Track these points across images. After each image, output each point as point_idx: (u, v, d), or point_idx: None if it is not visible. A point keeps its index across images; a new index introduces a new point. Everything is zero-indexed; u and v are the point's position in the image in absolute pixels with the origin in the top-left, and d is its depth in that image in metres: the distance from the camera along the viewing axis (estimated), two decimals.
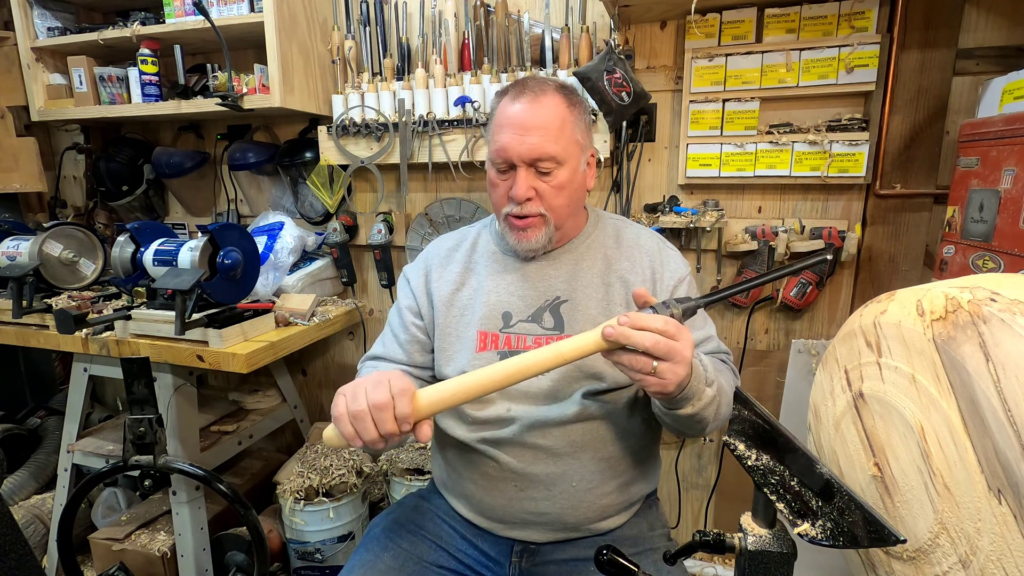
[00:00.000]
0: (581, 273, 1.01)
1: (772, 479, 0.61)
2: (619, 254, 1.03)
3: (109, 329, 1.50)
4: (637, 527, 1.04)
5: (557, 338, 0.97)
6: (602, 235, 1.05)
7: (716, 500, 1.77)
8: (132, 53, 1.76)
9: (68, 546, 1.44)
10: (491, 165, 0.98)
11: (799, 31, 1.41)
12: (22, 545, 1.05)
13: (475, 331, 1.01)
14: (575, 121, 0.95)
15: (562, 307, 1.00)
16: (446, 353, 1.04)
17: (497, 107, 0.97)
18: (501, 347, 0.99)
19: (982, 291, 0.57)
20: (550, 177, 0.94)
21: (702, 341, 1.00)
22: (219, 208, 2.13)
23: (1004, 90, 1.11)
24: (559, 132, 0.92)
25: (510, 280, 1.02)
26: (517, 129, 0.92)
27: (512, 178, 0.94)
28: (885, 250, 1.50)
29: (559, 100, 0.94)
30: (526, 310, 1.00)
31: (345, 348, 2.07)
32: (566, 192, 0.96)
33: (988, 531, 0.54)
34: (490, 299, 1.02)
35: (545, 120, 0.92)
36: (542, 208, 0.95)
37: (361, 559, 1.00)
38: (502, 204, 0.97)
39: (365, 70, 1.71)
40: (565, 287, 1.01)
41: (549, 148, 0.91)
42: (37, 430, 2.13)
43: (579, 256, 1.03)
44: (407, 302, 1.10)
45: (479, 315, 1.01)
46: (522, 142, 0.91)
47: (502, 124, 0.94)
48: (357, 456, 1.77)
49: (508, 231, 0.99)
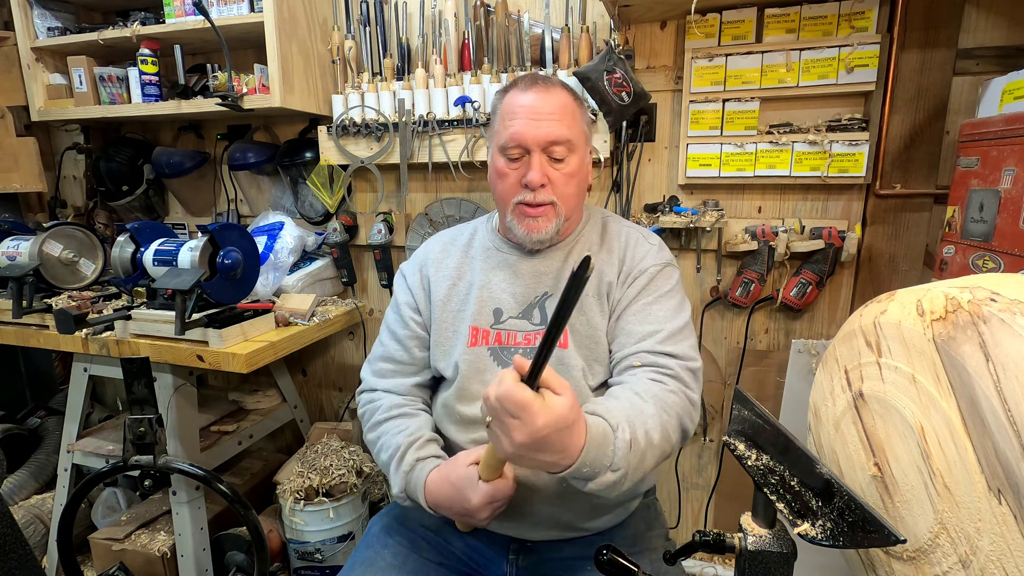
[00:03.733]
0: (567, 268, 1.02)
1: (772, 479, 0.61)
2: (600, 247, 1.04)
3: (109, 329, 1.50)
4: (635, 527, 1.04)
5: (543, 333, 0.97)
6: (591, 231, 1.06)
7: (716, 500, 1.77)
8: (132, 53, 1.75)
9: (68, 546, 1.44)
10: (500, 155, 0.98)
11: (799, 31, 1.41)
12: (22, 545, 1.05)
13: (467, 326, 1.02)
14: (581, 113, 0.99)
15: (547, 302, 1.01)
16: (442, 347, 1.05)
17: (503, 100, 0.99)
18: (492, 343, 1.00)
19: (982, 291, 0.57)
20: (563, 164, 0.95)
21: (649, 335, 0.94)
22: (219, 208, 2.13)
23: (1004, 90, 1.11)
24: (572, 119, 0.96)
25: (502, 277, 1.03)
26: (531, 115, 0.94)
27: (524, 165, 0.95)
28: (885, 250, 1.50)
29: (566, 92, 0.98)
30: (517, 307, 1.01)
31: (345, 348, 2.07)
32: (575, 181, 0.97)
33: (988, 531, 0.54)
34: (483, 295, 1.03)
35: (558, 107, 0.94)
36: (554, 196, 0.96)
37: (361, 557, 1.00)
38: (513, 193, 0.97)
39: (365, 70, 1.71)
40: (552, 282, 1.02)
41: (563, 132, 0.94)
42: (37, 430, 2.13)
43: (568, 252, 1.04)
44: (405, 298, 1.10)
45: (472, 310, 1.02)
46: (537, 127, 0.93)
47: (514, 112, 0.95)
48: (357, 456, 1.77)
49: (518, 222, 0.98)
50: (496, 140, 0.99)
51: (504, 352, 1.00)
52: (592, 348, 0.98)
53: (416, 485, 0.92)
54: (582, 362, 0.97)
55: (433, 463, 0.94)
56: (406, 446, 0.97)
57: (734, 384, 1.68)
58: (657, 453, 0.81)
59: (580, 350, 0.98)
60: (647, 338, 0.93)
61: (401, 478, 0.95)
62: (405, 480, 0.94)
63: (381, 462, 1.01)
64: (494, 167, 1.00)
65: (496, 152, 0.99)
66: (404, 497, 0.95)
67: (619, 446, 0.75)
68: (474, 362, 1.00)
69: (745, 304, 1.57)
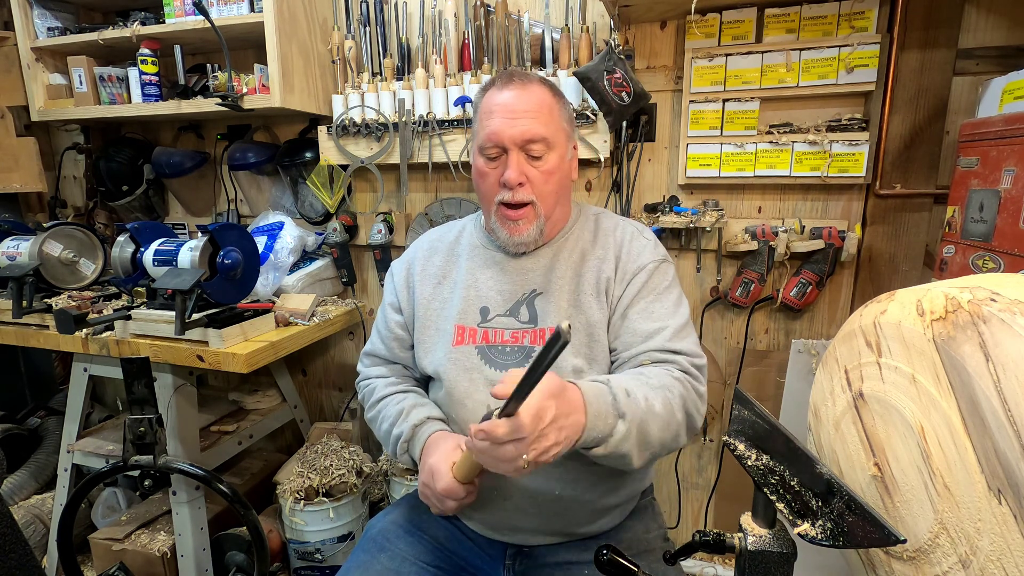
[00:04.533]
0: (558, 265, 1.01)
1: (772, 479, 0.61)
2: (594, 244, 1.03)
3: (109, 329, 1.50)
4: (633, 529, 1.04)
5: (532, 332, 0.98)
6: (581, 228, 1.05)
7: (716, 500, 1.77)
8: (132, 53, 1.76)
9: (68, 546, 1.44)
10: (479, 154, 0.98)
11: (799, 31, 1.41)
12: (22, 545, 1.05)
13: (453, 325, 1.01)
14: (560, 108, 0.98)
15: (536, 300, 1.00)
16: (424, 345, 1.05)
17: (483, 99, 0.98)
18: (479, 341, 0.99)
19: (982, 291, 0.57)
20: (541, 162, 0.95)
21: (655, 332, 0.93)
22: (219, 208, 2.13)
23: (1004, 90, 1.11)
24: (548, 116, 0.95)
25: (490, 275, 1.03)
26: (508, 114, 0.93)
27: (502, 164, 0.95)
28: (885, 250, 1.50)
29: (544, 88, 0.97)
30: (504, 304, 1.01)
31: (345, 348, 2.07)
32: (555, 178, 0.97)
33: (988, 531, 0.54)
34: (469, 293, 1.02)
35: (534, 105, 0.94)
36: (532, 195, 0.95)
37: (357, 560, 1.00)
38: (493, 193, 0.97)
39: (365, 70, 1.71)
40: (541, 280, 1.01)
41: (540, 130, 0.93)
42: (37, 430, 2.13)
43: (558, 249, 1.03)
44: (390, 299, 1.12)
45: (457, 309, 1.02)
46: (513, 125, 0.93)
47: (491, 111, 0.95)
48: (357, 456, 1.77)
49: (500, 225, 0.98)
50: (476, 140, 0.99)
51: (492, 350, 0.99)
52: (591, 347, 0.97)
53: (419, 439, 0.95)
54: (579, 361, 0.96)
55: (440, 425, 0.98)
56: (410, 407, 1.00)
57: (734, 384, 1.68)
58: (660, 423, 0.81)
59: (577, 349, 0.97)
60: (653, 336, 0.93)
61: (408, 429, 0.97)
62: (412, 432, 0.96)
63: (382, 431, 1.03)
64: (475, 167, 1.00)
65: (476, 152, 0.99)
66: (405, 448, 0.98)
67: (617, 393, 0.78)
68: (461, 361, 0.99)
69: (745, 304, 1.57)
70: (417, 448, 0.96)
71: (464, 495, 0.86)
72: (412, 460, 0.98)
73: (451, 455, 0.87)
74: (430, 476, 0.88)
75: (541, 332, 0.98)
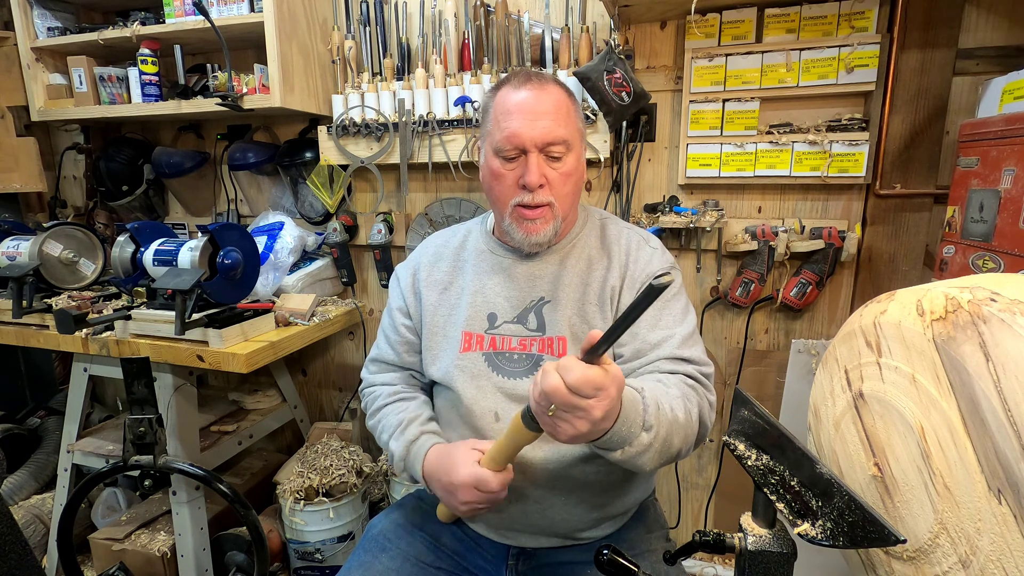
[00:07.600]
0: (565, 272, 1.00)
1: (772, 479, 0.61)
2: (600, 252, 1.02)
3: (109, 329, 1.50)
4: (635, 530, 1.04)
5: (540, 340, 0.97)
6: (588, 234, 1.04)
7: (716, 500, 1.77)
8: (132, 53, 1.75)
9: (68, 546, 1.44)
10: (495, 156, 0.95)
11: (799, 31, 1.40)
12: (22, 545, 1.05)
13: (460, 331, 1.01)
14: (576, 109, 0.97)
15: (544, 308, 0.99)
16: (432, 352, 1.04)
17: (496, 98, 0.96)
18: (486, 348, 0.99)
19: (982, 291, 0.57)
20: (560, 163, 0.93)
21: (664, 340, 0.93)
22: (219, 208, 2.13)
23: (1004, 90, 1.11)
24: (567, 117, 0.93)
25: (497, 281, 1.02)
26: (527, 115, 0.91)
27: (521, 166, 0.93)
28: (885, 250, 1.50)
29: (560, 89, 0.95)
30: (512, 311, 1.00)
31: (345, 348, 2.07)
32: (573, 180, 0.96)
33: (988, 531, 0.54)
34: (476, 299, 1.01)
35: (552, 105, 0.92)
36: (551, 197, 0.94)
37: (358, 560, 1.00)
38: (510, 195, 0.95)
39: (365, 70, 1.71)
40: (549, 287, 1.00)
41: (560, 132, 0.92)
42: (37, 430, 2.13)
43: (565, 255, 1.02)
44: (397, 303, 1.10)
45: (465, 315, 1.01)
46: (534, 126, 0.90)
47: (509, 111, 0.92)
48: (357, 456, 1.77)
49: (516, 225, 0.96)
50: (490, 140, 0.96)
51: (499, 357, 0.98)
52: None
53: (417, 455, 0.96)
54: None
55: (436, 439, 0.98)
56: (408, 421, 1.00)
57: (734, 384, 1.68)
58: (682, 434, 0.81)
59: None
60: (662, 344, 0.92)
61: (403, 446, 0.97)
62: (407, 449, 0.97)
63: (382, 441, 1.04)
64: (489, 168, 0.97)
65: (490, 153, 0.96)
66: (402, 467, 0.99)
67: (648, 404, 0.76)
68: (468, 367, 0.98)
69: (745, 304, 1.57)
70: (416, 465, 0.96)
71: (497, 485, 0.86)
72: (411, 478, 0.99)
73: (470, 461, 0.87)
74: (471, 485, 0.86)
75: (549, 340, 0.97)
